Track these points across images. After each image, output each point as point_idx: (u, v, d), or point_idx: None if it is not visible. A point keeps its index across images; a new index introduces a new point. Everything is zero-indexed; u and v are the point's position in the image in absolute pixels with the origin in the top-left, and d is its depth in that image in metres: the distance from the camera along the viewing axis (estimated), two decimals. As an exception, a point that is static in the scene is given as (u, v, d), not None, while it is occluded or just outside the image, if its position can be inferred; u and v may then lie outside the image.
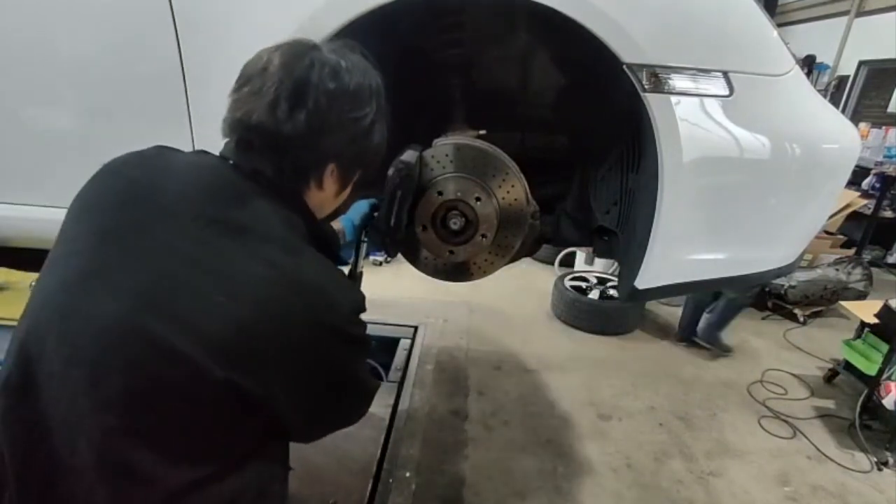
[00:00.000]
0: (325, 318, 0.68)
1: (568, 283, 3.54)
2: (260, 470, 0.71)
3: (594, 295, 3.44)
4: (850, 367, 2.67)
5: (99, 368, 0.61)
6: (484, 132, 1.29)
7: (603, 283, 3.64)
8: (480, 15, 1.22)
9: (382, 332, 2.85)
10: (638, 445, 2.32)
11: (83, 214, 0.70)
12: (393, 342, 2.79)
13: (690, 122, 1.06)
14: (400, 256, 1.19)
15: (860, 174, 4.71)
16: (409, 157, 1.02)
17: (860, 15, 6.61)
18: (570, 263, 4.10)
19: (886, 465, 2.28)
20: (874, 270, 4.00)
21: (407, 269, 1.25)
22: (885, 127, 5.20)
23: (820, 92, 1.39)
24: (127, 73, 1.14)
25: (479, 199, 1.08)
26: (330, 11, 1.00)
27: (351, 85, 0.74)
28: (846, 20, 6.75)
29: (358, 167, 0.82)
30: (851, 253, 4.25)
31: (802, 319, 3.62)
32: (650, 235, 1.13)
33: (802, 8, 7.52)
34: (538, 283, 3.90)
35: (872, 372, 2.47)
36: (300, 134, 0.70)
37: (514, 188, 1.10)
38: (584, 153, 1.39)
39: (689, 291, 3.29)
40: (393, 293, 3.47)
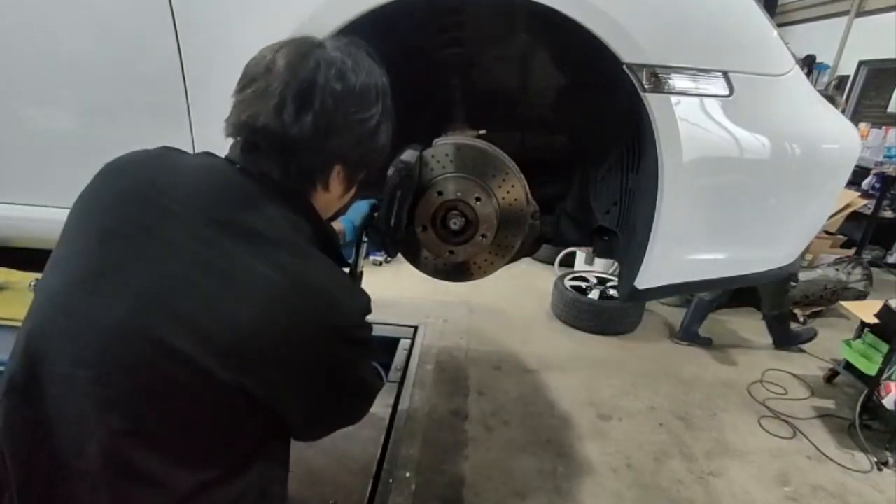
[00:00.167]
0: (331, 320, 0.67)
1: (568, 283, 3.54)
2: (262, 471, 0.71)
3: (594, 295, 3.44)
4: (850, 367, 2.68)
5: (103, 369, 0.61)
6: (484, 132, 1.29)
7: (603, 283, 3.64)
8: (480, 14, 1.22)
9: (382, 332, 2.85)
10: (638, 445, 2.32)
11: (86, 214, 0.70)
12: (393, 342, 2.79)
13: (690, 122, 1.06)
14: (400, 256, 1.19)
15: (860, 174, 4.71)
16: (409, 156, 1.02)
17: (860, 15, 6.62)
18: (570, 263, 4.10)
19: (886, 465, 2.28)
20: (874, 270, 4.00)
21: (407, 269, 1.25)
22: (885, 127, 5.20)
23: (819, 92, 1.38)
24: (127, 73, 1.14)
25: (479, 198, 1.08)
26: (330, 11, 1.00)
27: (357, 85, 0.73)
28: (846, 20, 6.75)
29: (364, 168, 0.81)
30: (851, 253, 4.26)
31: (802, 319, 3.62)
32: (650, 235, 1.13)
33: (802, 8, 7.52)
34: (538, 283, 3.90)
35: (872, 372, 2.47)
36: (307, 136, 0.70)
37: (514, 188, 1.10)
38: (584, 153, 1.39)
39: (689, 291, 3.30)
40: (393, 293, 3.46)
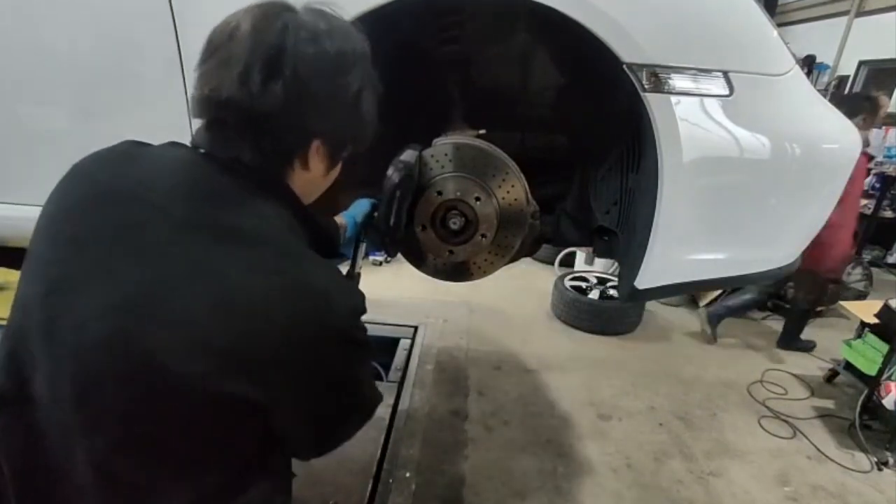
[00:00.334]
0: (323, 321, 0.62)
1: (568, 283, 3.54)
2: (263, 485, 0.68)
3: (594, 295, 3.44)
4: (850, 367, 2.68)
5: (85, 383, 0.58)
6: (483, 132, 1.29)
7: (603, 283, 3.64)
8: (480, 14, 1.22)
9: (382, 332, 2.85)
10: (638, 445, 2.32)
11: (55, 221, 0.65)
12: (393, 342, 2.79)
13: (690, 121, 1.06)
14: (400, 256, 1.19)
15: (860, 174, 4.71)
16: (408, 156, 1.01)
17: (860, 15, 6.62)
18: (570, 263, 4.10)
19: (886, 465, 2.28)
20: (874, 270, 4.01)
21: (407, 269, 1.24)
22: (885, 127, 5.19)
23: (820, 92, 1.39)
24: (127, 72, 1.14)
25: (478, 198, 1.08)
26: (330, 11, 1.00)
27: (332, 50, 0.65)
28: (846, 20, 6.75)
29: (347, 142, 0.74)
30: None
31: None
32: (650, 235, 1.13)
33: (802, 8, 7.52)
34: (538, 283, 3.90)
35: (872, 372, 2.47)
36: (278, 108, 0.62)
37: (514, 188, 1.10)
38: (584, 153, 1.39)
39: (689, 291, 3.31)
40: (393, 293, 3.47)
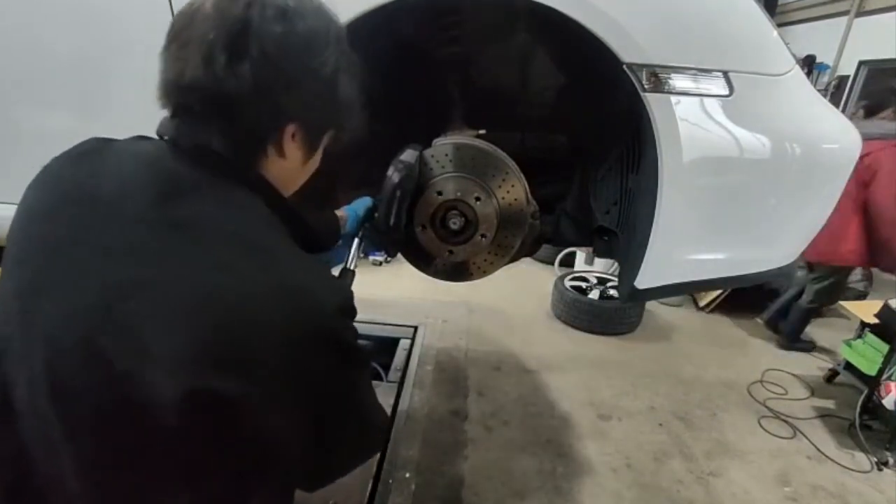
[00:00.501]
0: (297, 319, 0.56)
1: (568, 283, 3.54)
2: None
3: (594, 295, 3.44)
4: (850, 367, 2.68)
5: (60, 394, 0.54)
6: (483, 132, 1.29)
7: (603, 283, 3.64)
8: (480, 14, 1.22)
9: (382, 332, 2.85)
10: (638, 445, 2.32)
11: (27, 222, 0.63)
12: (393, 342, 2.79)
13: (690, 121, 1.06)
14: (400, 256, 1.19)
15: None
16: (408, 156, 1.02)
17: (860, 15, 6.61)
18: (570, 263, 4.10)
19: (886, 465, 2.28)
20: (874, 270, 3.99)
21: (407, 269, 1.25)
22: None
23: (820, 92, 1.38)
24: (127, 72, 1.14)
25: (478, 198, 1.08)
26: (330, 11, 1.00)
27: (302, 28, 0.62)
28: (846, 20, 6.74)
29: (325, 126, 0.71)
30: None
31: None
32: (650, 235, 1.13)
33: (802, 8, 7.51)
34: (538, 283, 3.90)
35: (872, 372, 2.47)
36: (247, 90, 0.59)
37: (514, 188, 1.10)
38: (583, 153, 1.39)
39: (689, 291, 3.30)
40: (393, 293, 3.47)
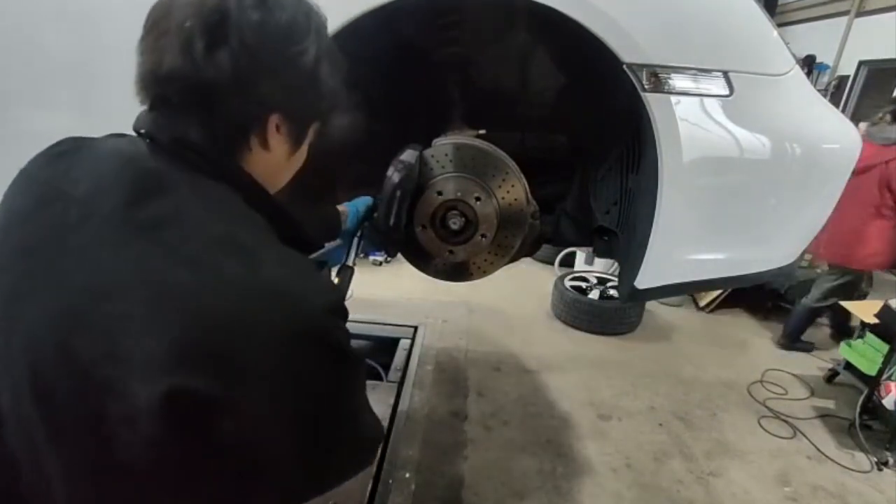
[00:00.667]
0: (288, 320, 0.53)
1: (568, 283, 3.54)
2: None
3: (594, 295, 3.44)
4: (850, 367, 2.68)
5: (41, 402, 0.53)
6: (483, 132, 1.29)
7: (603, 283, 3.64)
8: (480, 14, 1.22)
9: (382, 331, 2.85)
10: (638, 445, 2.32)
11: (6, 227, 0.62)
12: (393, 342, 2.79)
13: (690, 121, 1.06)
14: (400, 256, 1.19)
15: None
16: (408, 156, 1.02)
17: (860, 15, 6.61)
18: (570, 263, 4.10)
19: (886, 465, 2.29)
20: (874, 270, 3.99)
21: (407, 269, 1.25)
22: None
23: (820, 92, 1.39)
24: (126, 72, 1.14)
25: (478, 198, 1.08)
26: (330, 11, 1.00)
27: (281, 16, 0.62)
28: (846, 20, 6.74)
29: (309, 117, 0.69)
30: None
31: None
32: (650, 235, 1.13)
33: (802, 8, 7.51)
34: (538, 283, 3.90)
35: (872, 372, 2.47)
36: (226, 79, 0.58)
37: (514, 188, 1.10)
38: (583, 153, 1.39)
39: (689, 291, 3.30)
40: (393, 293, 3.47)
